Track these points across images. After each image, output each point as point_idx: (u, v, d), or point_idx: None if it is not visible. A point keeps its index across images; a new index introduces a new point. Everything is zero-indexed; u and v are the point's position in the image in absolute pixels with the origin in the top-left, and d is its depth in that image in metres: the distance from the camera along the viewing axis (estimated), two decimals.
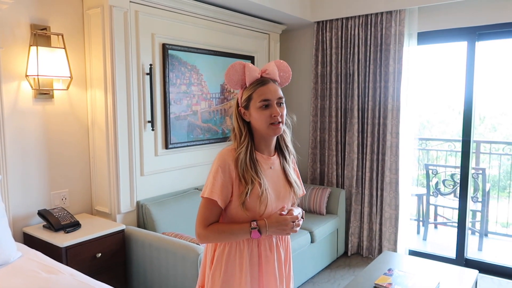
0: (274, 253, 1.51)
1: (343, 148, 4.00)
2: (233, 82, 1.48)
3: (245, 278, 1.45)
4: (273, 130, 1.45)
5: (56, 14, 2.64)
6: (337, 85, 3.96)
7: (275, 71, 1.49)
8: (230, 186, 1.43)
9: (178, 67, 3.12)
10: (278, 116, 1.43)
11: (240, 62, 1.48)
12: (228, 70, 1.47)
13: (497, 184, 5.00)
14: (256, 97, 1.43)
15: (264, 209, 1.44)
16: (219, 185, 1.41)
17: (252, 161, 1.44)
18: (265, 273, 1.49)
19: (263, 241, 1.49)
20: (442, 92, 5.38)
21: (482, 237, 4.33)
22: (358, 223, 3.93)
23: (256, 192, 1.42)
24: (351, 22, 3.81)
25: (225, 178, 1.42)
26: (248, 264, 1.46)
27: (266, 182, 1.45)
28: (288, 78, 1.55)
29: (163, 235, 2.64)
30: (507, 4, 3.21)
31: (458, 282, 2.45)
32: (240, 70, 1.46)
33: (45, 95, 2.60)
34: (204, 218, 1.44)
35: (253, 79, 1.46)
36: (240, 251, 1.46)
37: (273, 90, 1.45)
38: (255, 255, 1.48)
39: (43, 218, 2.50)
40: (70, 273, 1.96)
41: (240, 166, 1.42)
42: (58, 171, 2.71)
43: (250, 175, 1.42)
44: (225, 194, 1.43)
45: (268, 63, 1.51)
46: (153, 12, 2.90)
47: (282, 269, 1.54)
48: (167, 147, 3.08)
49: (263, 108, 1.43)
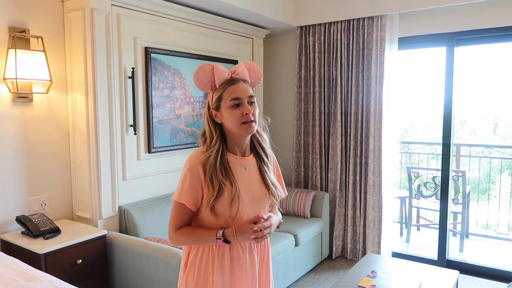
0: (247, 256, 1.48)
1: (326, 151, 4.03)
2: (203, 83, 1.46)
3: (216, 281, 1.44)
4: (245, 129, 1.42)
5: (35, 17, 2.59)
6: (320, 89, 3.99)
7: (245, 72, 1.48)
8: (200, 189, 1.43)
9: (161, 71, 3.10)
10: (250, 114, 1.41)
11: (208, 63, 1.46)
12: (196, 71, 1.45)
13: (477, 186, 5.10)
14: (226, 96, 1.42)
15: (236, 212, 1.43)
16: (187, 188, 1.42)
17: (222, 164, 1.42)
18: (237, 276, 1.47)
19: (235, 244, 1.47)
20: (424, 96, 5.49)
21: (463, 239, 4.41)
22: (342, 226, 3.96)
23: (225, 196, 1.41)
24: (333, 27, 3.86)
25: (194, 181, 1.42)
26: (219, 267, 1.45)
27: (237, 185, 1.43)
28: (259, 78, 1.54)
29: (145, 240, 2.60)
30: (484, 11, 3.29)
31: (440, 283, 2.48)
32: (209, 71, 1.44)
33: (24, 98, 2.55)
34: (174, 221, 1.45)
35: (223, 79, 1.44)
36: (212, 254, 1.46)
37: (243, 89, 1.43)
38: (227, 259, 1.46)
39: (22, 224, 2.44)
40: (49, 280, 1.91)
41: (208, 170, 1.41)
42: (38, 176, 2.66)
43: (219, 180, 1.40)
44: (194, 197, 1.43)
45: (237, 65, 1.49)
46: (135, 16, 2.88)
47: (256, 272, 1.51)
48: (150, 151, 3.05)
49: (234, 107, 1.41)
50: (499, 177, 4.95)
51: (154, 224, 2.85)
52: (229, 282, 1.47)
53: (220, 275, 1.45)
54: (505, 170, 5.00)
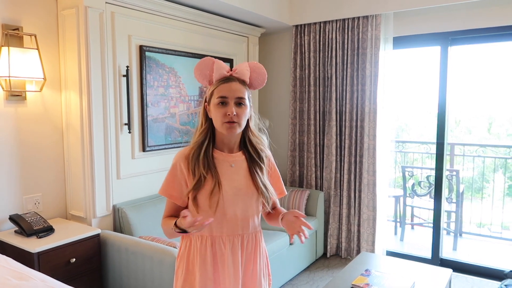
0: (229, 253, 1.48)
1: (321, 150, 4.04)
2: (202, 76, 1.48)
3: (199, 276, 1.46)
4: (226, 129, 1.42)
5: (29, 14, 2.58)
6: (315, 88, 4.00)
7: (244, 72, 1.47)
8: (184, 183, 1.46)
9: (155, 69, 3.09)
10: (232, 115, 1.40)
11: (210, 58, 1.48)
12: (197, 64, 1.47)
13: (471, 185, 5.13)
14: (216, 93, 1.44)
15: (216, 205, 1.43)
16: (170, 182, 1.48)
17: (206, 157, 1.44)
18: (221, 272, 1.48)
19: (217, 239, 1.48)
20: (419, 96, 5.51)
21: (457, 237, 4.44)
22: (337, 224, 3.97)
23: (206, 188, 1.43)
24: (328, 26, 3.86)
25: (177, 176, 1.47)
26: (201, 263, 1.47)
27: (219, 178, 1.44)
28: (262, 80, 1.53)
29: (139, 239, 2.60)
30: (478, 11, 3.31)
31: (433, 281, 2.50)
32: (209, 65, 1.46)
33: (17, 96, 2.53)
34: (164, 212, 1.54)
35: (220, 76, 1.46)
36: (196, 249, 1.48)
37: (233, 89, 1.43)
38: (209, 254, 1.47)
39: (15, 223, 2.43)
40: (42, 279, 1.90)
41: (191, 160, 1.44)
42: (31, 174, 2.65)
43: (200, 171, 1.42)
44: (177, 191, 1.48)
45: (240, 63, 1.50)
46: (130, 14, 2.87)
47: (239, 269, 1.50)
48: (145, 150, 3.04)
49: (219, 106, 1.42)
50: (493, 176, 4.98)
51: (149, 223, 2.85)
52: (212, 277, 1.48)
53: (203, 270, 1.47)
54: (499, 169, 5.03)
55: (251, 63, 1.51)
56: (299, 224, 1.43)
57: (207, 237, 1.47)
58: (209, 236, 1.47)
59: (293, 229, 1.44)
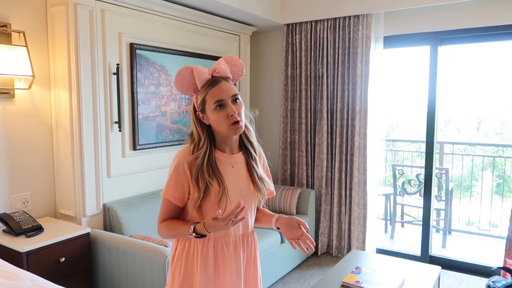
0: (232, 254, 1.49)
1: (312, 149, 4.05)
2: (185, 88, 1.45)
3: (200, 278, 1.45)
4: (233, 130, 1.42)
5: (17, 11, 2.54)
6: (306, 87, 4.01)
7: (225, 68, 1.46)
8: (187, 186, 1.44)
9: (146, 67, 3.07)
10: (235, 115, 1.40)
11: (187, 67, 1.44)
12: (176, 77, 1.44)
13: (460, 184, 5.19)
14: (210, 99, 1.41)
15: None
16: (173, 185, 1.44)
17: (209, 164, 1.42)
18: (222, 273, 1.48)
19: (220, 241, 1.47)
20: (410, 95, 5.56)
21: (446, 235, 4.49)
22: (328, 222, 3.99)
23: (212, 196, 1.41)
24: (320, 25, 3.87)
25: (180, 178, 1.43)
26: (203, 264, 1.45)
27: (225, 184, 1.44)
28: (241, 71, 1.52)
29: (130, 237, 2.59)
30: (468, 11, 3.35)
31: (422, 278, 2.52)
32: (188, 74, 1.43)
33: (5, 94, 2.50)
34: (161, 214, 1.49)
35: (204, 81, 1.43)
36: (197, 250, 1.46)
37: (225, 89, 1.42)
38: (211, 256, 1.46)
39: (3, 222, 2.40)
40: (31, 279, 1.88)
41: (195, 171, 1.41)
42: (20, 173, 2.62)
43: (206, 180, 1.40)
44: (180, 193, 1.45)
45: (216, 62, 1.47)
46: (120, 11, 2.84)
47: (241, 270, 1.51)
48: (135, 148, 3.03)
49: (218, 109, 1.40)
50: (482, 175, 5.05)
51: (139, 221, 2.83)
52: (213, 279, 1.47)
53: (203, 272, 1.45)
54: (488, 167, 5.09)
55: (226, 57, 1.50)
56: (301, 234, 1.48)
57: (209, 238, 1.46)
58: (211, 237, 1.47)
59: (292, 235, 1.48)
